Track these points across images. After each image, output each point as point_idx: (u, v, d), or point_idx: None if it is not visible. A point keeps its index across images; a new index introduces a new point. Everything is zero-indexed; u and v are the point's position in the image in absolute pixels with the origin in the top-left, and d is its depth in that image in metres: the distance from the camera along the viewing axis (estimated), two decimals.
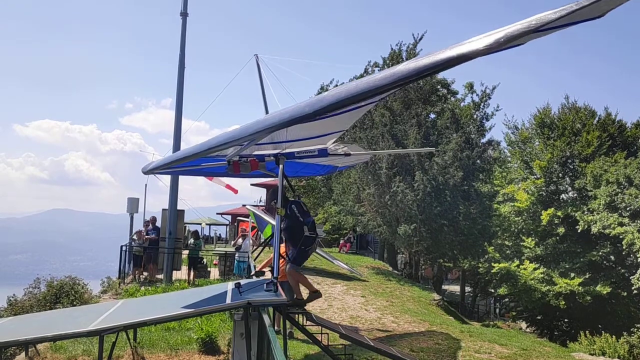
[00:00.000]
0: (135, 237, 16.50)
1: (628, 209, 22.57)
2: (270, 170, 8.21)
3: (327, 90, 30.40)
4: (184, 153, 7.49)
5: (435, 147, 22.52)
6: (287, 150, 7.63)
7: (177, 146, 16.61)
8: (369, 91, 4.25)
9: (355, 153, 10.82)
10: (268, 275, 8.29)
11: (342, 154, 8.80)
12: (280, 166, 7.32)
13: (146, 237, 16.34)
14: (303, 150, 7.79)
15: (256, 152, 7.51)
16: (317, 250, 19.04)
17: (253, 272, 8.23)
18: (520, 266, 25.02)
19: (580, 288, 22.92)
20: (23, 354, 8.13)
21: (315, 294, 7.56)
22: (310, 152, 7.87)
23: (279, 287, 6.65)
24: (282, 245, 8.15)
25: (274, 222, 11.28)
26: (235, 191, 22.72)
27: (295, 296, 7.40)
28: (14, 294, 14.00)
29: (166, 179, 16.92)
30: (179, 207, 17.20)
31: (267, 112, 18.82)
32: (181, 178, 16.98)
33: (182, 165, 8.04)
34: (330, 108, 4.67)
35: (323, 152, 7.96)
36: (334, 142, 8.32)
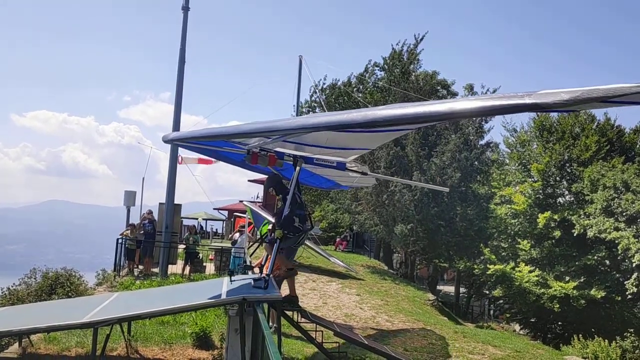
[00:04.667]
0: (128, 230, 16.51)
1: (624, 214, 22.60)
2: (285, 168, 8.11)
3: (321, 88, 30.44)
4: (214, 131, 7.13)
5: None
6: (308, 155, 7.56)
7: None
8: (425, 117, 4.17)
9: (372, 174, 10.74)
10: (257, 271, 8.34)
11: (359, 172, 8.71)
12: (297, 168, 7.32)
13: (142, 232, 16.36)
14: (322, 158, 7.68)
15: (277, 149, 7.43)
16: (314, 247, 19.16)
17: (242, 265, 8.23)
18: (516, 268, 25.04)
19: (574, 292, 22.95)
20: (17, 344, 8.12)
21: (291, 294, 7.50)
22: (329, 162, 7.76)
23: (273, 283, 6.66)
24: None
25: (270, 219, 11.28)
26: (210, 162, 20.35)
27: (289, 293, 7.42)
28: (13, 283, 13.92)
29: (165, 173, 16.94)
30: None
31: (297, 109, 18.97)
32: (178, 174, 16.94)
33: (204, 142, 7.71)
34: (381, 123, 4.55)
35: (341, 166, 7.87)
36: (353, 158, 8.26)
